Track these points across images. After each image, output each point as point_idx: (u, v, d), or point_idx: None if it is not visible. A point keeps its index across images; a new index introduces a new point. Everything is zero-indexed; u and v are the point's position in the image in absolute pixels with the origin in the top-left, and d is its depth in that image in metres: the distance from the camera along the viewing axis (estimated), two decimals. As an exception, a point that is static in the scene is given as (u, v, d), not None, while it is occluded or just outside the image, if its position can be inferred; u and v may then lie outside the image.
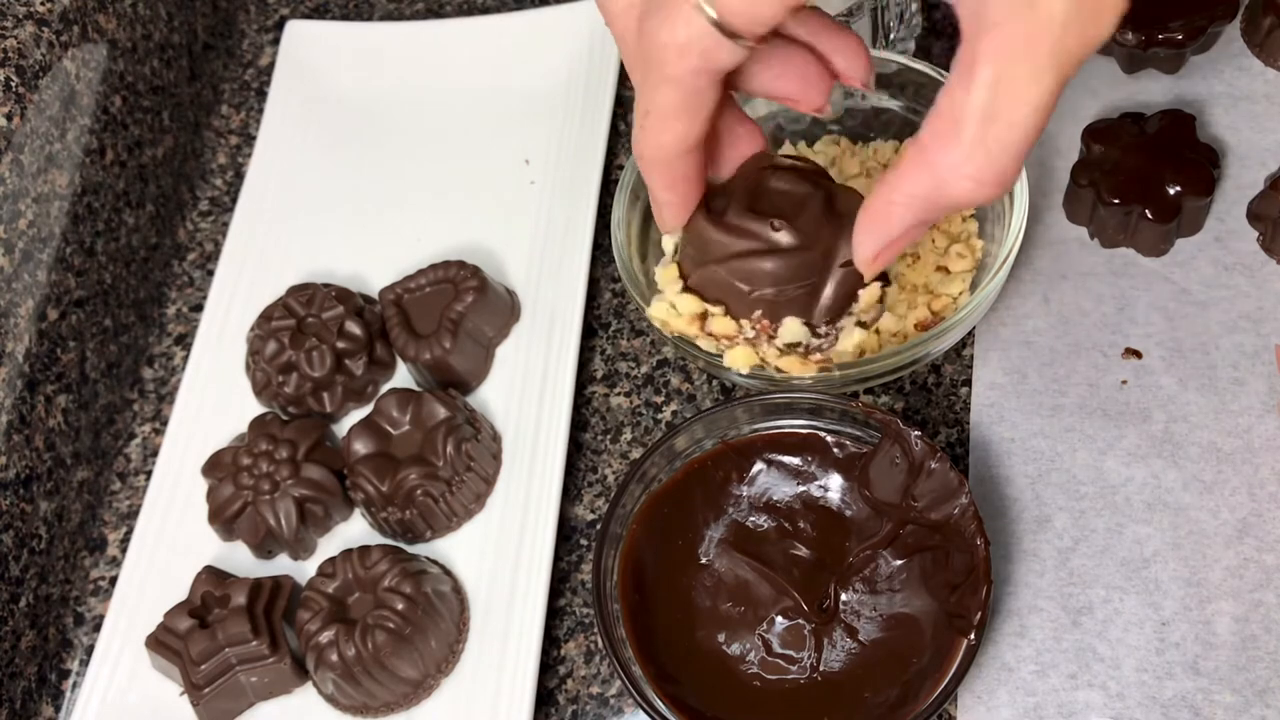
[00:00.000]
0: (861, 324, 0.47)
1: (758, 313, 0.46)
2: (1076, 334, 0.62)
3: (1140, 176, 0.62)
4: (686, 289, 0.47)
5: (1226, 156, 0.66)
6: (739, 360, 0.47)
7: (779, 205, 0.45)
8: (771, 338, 0.47)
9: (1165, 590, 0.55)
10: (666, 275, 0.47)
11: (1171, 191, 0.62)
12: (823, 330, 0.47)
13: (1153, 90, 0.69)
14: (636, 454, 0.64)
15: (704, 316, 0.46)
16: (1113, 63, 0.70)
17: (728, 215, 0.46)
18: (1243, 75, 0.68)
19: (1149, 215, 0.62)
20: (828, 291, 0.46)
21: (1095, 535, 0.57)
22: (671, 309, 0.47)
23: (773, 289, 0.45)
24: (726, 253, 0.45)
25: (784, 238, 0.45)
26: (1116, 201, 0.62)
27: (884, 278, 0.47)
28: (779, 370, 0.47)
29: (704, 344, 0.48)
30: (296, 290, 0.67)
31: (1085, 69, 0.69)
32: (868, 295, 0.47)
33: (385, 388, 0.67)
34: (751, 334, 0.47)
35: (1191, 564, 0.56)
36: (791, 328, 0.46)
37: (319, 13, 0.86)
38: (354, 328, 0.65)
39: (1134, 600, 0.55)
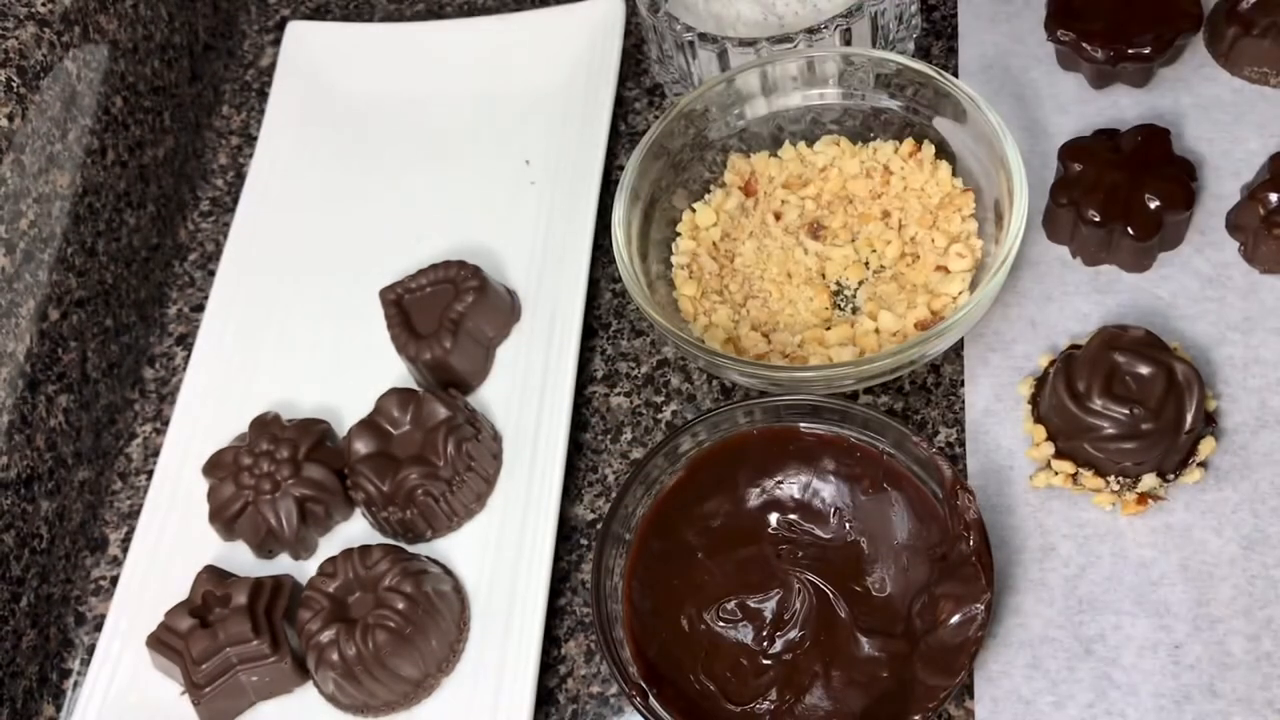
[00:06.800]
0: (1201, 464, 0.57)
1: (1123, 477, 0.57)
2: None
3: (1120, 193, 0.62)
4: (1059, 453, 0.58)
5: (1201, 168, 0.65)
6: (1104, 501, 0.57)
7: (1131, 387, 0.56)
8: (1130, 488, 0.57)
9: (1176, 613, 0.55)
10: (1038, 433, 0.58)
11: (1152, 206, 0.62)
12: (1170, 476, 0.57)
13: (1123, 104, 0.69)
14: (637, 454, 0.64)
15: (1075, 474, 0.57)
16: (1081, 79, 0.70)
17: (1091, 400, 0.55)
18: (1210, 85, 0.68)
19: (1130, 232, 0.61)
20: (1176, 453, 0.56)
21: (1101, 561, 0.56)
22: (1048, 468, 0.58)
23: (1133, 461, 0.56)
24: (1095, 435, 0.56)
25: (1143, 424, 0.55)
26: (1097, 220, 0.62)
27: (1214, 429, 0.57)
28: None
29: (1071, 489, 0.58)
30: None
31: (1054, 86, 0.70)
32: (1206, 446, 0.57)
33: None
34: (1116, 487, 0.57)
35: (1199, 584, 0.55)
36: (1148, 481, 0.57)
37: (320, 13, 0.86)
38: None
39: (1145, 624, 0.55)
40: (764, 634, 0.55)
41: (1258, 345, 0.60)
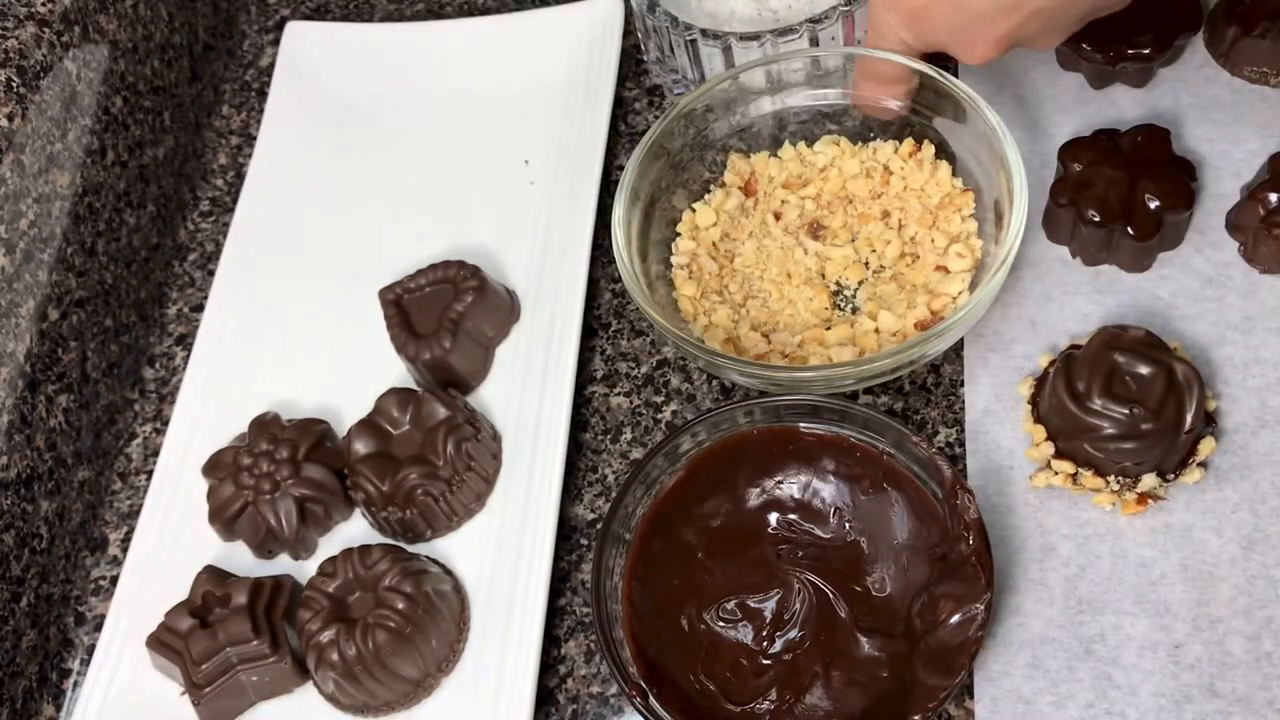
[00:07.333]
0: (1202, 465, 0.57)
1: (1123, 477, 0.57)
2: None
3: (1119, 193, 0.62)
4: (1059, 453, 0.58)
5: (1201, 168, 0.65)
6: (1104, 501, 0.57)
7: (1131, 387, 0.56)
8: (1130, 488, 0.57)
9: (1176, 613, 0.55)
10: (1037, 433, 0.58)
11: (1152, 206, 0.62)
12: (1170, 476, 0.57)
13: (1123, 104, 0.69)
14: (636, 454, 0.64)
15: (1075, 474, 0.57)
16: (1081, 79, 0.70)
17: (1091, 400, 0.55)
18: (1210, 85, 0.68)
19: (1130, 232, 0.61)
20: (1176, 453, 0.56)
21: (1101, 561, 0.56)
22: (1048, 468, 0.58)
23: (1133, 461, 0.56)
24: (1095, 435, 0.56)
25: (1142, 424, 0.55)
26: (1097, 220, 0.62)
27: (1214, 429, 0.58)
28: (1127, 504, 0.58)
29: (1071, 489, 0.58)
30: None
31: (1054, 86, 0.70)
32: (1206, 446, 0.57)
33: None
34: (1116, 487, 0.57)
35: (1199, 584, 0.55)
36: (1148, 481, 0.57)
37: (319, 13, 0.86)
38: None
39: (1145, 624, 0.55)
40: (764, 634, 0.55)
41: (1258, 345, 0.60)
